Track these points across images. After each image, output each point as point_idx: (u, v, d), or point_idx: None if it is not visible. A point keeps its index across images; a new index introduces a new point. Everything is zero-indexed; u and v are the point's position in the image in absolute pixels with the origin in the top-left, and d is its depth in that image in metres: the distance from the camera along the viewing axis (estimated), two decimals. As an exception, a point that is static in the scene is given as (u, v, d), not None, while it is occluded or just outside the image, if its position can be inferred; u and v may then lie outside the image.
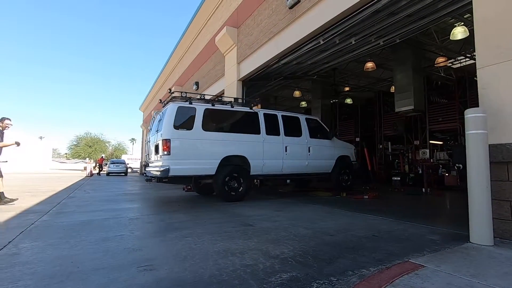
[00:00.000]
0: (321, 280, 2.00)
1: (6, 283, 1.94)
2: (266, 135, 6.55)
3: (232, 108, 6.42)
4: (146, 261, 2.40)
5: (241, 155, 6.16)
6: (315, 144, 7.34)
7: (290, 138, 6.93)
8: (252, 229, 3.58)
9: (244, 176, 6.15)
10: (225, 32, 9.32)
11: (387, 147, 13.70)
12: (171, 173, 5.34)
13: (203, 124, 5.85)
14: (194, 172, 5.71)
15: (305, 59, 8.03)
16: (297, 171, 7.03)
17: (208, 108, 6.05)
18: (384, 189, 9.40)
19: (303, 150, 7.09)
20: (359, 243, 2.97)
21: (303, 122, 7.32)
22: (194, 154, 5.66)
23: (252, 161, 6.26)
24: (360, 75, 12.02)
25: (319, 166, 7.37)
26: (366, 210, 5.10)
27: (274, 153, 6.60)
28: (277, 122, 6.85)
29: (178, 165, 5.46)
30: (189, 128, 5.72)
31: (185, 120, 5.76)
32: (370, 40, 6.93)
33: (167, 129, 5.50)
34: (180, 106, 5.77)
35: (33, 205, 5.62)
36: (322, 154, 7.45)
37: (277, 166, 6.68)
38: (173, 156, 5.39)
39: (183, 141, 5.58)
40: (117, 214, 4.81)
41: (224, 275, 2.10)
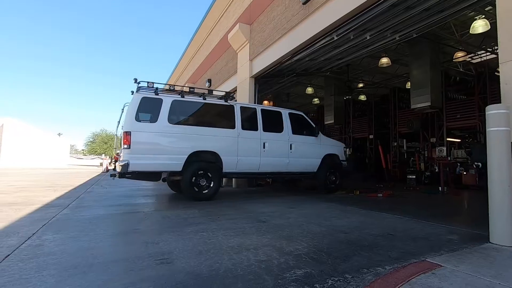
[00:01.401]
0: (336, 277, 2.00)
1: (32, 272, 2.04)
2: (242, 130, 6.11)
3: (204, 100, 5.97)
4: (162, 254, 2.46)
5: (212, 150, 5.75)
6: (298, 141, 6.85)
7: (270, 134, 6.47)
8: (265, 226, 3.60)
9: (215, 174, 5.75)
10: (238, 29, 9.33)
11: (402, 144, 13.41)
12: (130, 168, 5.01)
13: (170, 116, 5.47)
14: (157, 168, 5.33)
15: (319, 55, 7.94)
16: (276, 169, 6.58)
17: (177, 99, 5.64)
18: (399, 188, 9.23)
19: (284, 147, 6.61)
20: (374, 242, 2.94)
21: (285, 117, 6.84)
22: (158, 149, 5.29)
23: (225, 158, 5.85)
24: (375, 71, 11.78)
25: (302, 164, 6.89)
26: (381, 209, 5.03)
27: (250, 149, 6.16)
28: (255, 117, 6.39)
29: (139, 160, 5.10)
30: (153, 121, 5.34)
31: (150, 112, 5.40)
32: (386, 35, 6.77)
33: (128, 121, 5.15)
34: (145, 97, 5.39)
35: (54, 199, 5.84)
36: (306, 152, 6.96)
37: (254, 163, 6.22)
38: (134, 150, 5.05)
39: (145, 134, 5.21)
40: (133, 208, 4.93)
41: (239, 269, 2.13)
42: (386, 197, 6.71)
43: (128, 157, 5.04)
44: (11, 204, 5.14)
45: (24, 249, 2.56)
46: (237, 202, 5.72)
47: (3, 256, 2.36)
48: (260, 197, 6.49)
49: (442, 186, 8.07)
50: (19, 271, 2.05)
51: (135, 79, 5.43)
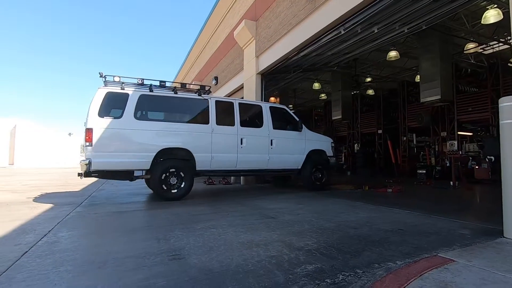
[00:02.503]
0: (347, 272, 2.00)
1: (50, 268, 2.10)
2: (216, 125, 5.78)
3: (175, 94, 5.66)
4: (174, 250, 2.50)
5: (183, 147, 5.45)
6: (279, 136, 6.51)
7: (248, 129, 6.15)
8: (274, 222, 3.62)
9: (186, 172, 5.44)
10: (244, 25, 9.30)
11: (412, 139, 13.23)
12: (93, 166, 4.77)
13: (137, 112, 5.19)
14: (122, 167, 5.07)
15: (325, 50, 7.87)
16: (256, 166, 6.24)
17: (145, 94, 5.35)
18: (409, 183, 9.12)
19: (263, 143, 6.28)
20: (384, 237, 2.93)
21: (265, 111, 6.49)
22: (123, 146, 5.01)
23: (197, 155, 5.54)
24: (383, 65, 11.61)
25: (284, 161, 6.57)
26: (391, 204, 4.99)
27: (226, 146, 5.86)
28: (232, 111, 6.07)
29: (102, 158, 4.84)
30: (118, 117, 5.04)
31: (115, 107, 5.12)
32: (394, 28, 6.66)
33: (90, 118, 4.86)
34: (110, 91, 5.11)
35: (68, 198, 5.98)
36: (289, 147, 6.63)
37: (230, 160, 5.92)
38: (96, 147, 4.79)
39: (109, 131, 4.92)
40: (144, 206, 5.02)
41: (250, 265, 2.15)
42: (395, 192, 6.64)
43: (90, 155, 4.79)
44: (27, 202, 5.29)
45: (41, 246, 2.63)
46: (245, 198, 5.75)
47: (22, 252, 2.44)
48: (268, 194, 6.50)
49: (453, 181, 7.94)
50: (38, 267, 2.12)
51: (100, 73, 5.18)
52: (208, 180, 8.99)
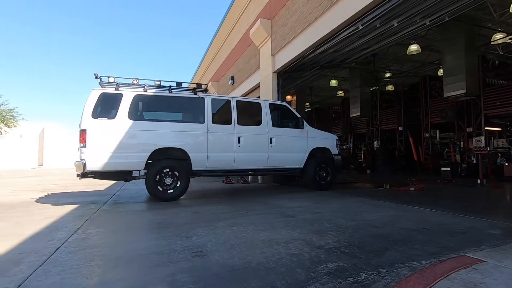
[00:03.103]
0: (370, 271, 1.98)
1: (82, 263, 2.22)
2: (212, 124, 5.64)
3: (170, 93, 5.58)
4: (196, 247, 2.56)
5: (178, 147, 5.36)
6: (279, 134, 6.26)
7: (246, 128, 5.96)
8: (293, 220, 3.62)
9: (181, 172, 5.35)
10: (259, 24, 9.31)
11: (435, 135, 12.74)
12: (87, 167, 4.80)
13: (131, 112, 5.15)
14: (116, 167, 5.05)
15: (343, 46, 7.73)
16: (255, 166, 6.07)
17: (139, 94, 5.32)
18: (433, 181, 8.80)
19: (262, 141, 6.07)
20: (408, 236, 2.86)
21: (265, 109, 6.26)
22: (117, 147, 4.97)
23: (193, 155, 5.43)
24: (403, 60, 11.23)
25: (284, 160, 6.34)
26: (414, 202, 4.85)
27: (222, 145, 5.72)
28: (229, 109, 5.90)
29: (96, 159, 4.85)
30: (112, 117, 5.03)
31: (109, 108, 5.11)
32: (415, 21, 6.43)
33: (84, 119, 4.87)
34: (104, 92, 5.11)
35: (93, 196, 6.24)
36: (289, 146, 6.38)
37: (227, 160, 5.76)
38: (90, 148, 4.80)
39: (103, 132, 4.91)
40: (165, 204, 5.14)
41: (271, 262, 2.17)
42: (418, 191, 6.44)
43: (84, 156, 4.81)
44: (56, 201, 5.58)
45: (72, 242, 2.78)
46: (263, 197, 5.76)
47: (55, 247, 2.59)
48: (286, 193, 6.49)
49: (481, 179, 7.58)
50: (70, 261, 2.24)
51: (95, 74, 5.17)
52: (226, 179, 9.09)
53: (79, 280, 1.91)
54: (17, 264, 2.21)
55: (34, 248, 2.61)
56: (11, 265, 2.19)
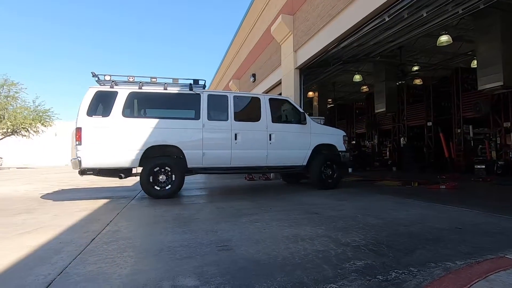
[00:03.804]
0: (400, 270, 1.92)
1: (115, 253, 2.34)
2: (208, 120, 5.52)
3: (165, 90, 5.51)
4: (222, 241, 2.61)
5: (172, 144, 5.31)
6: (279, 130, 6.01)
7: (243, 124, 5.80)
8: (318, 217, 3.58)
9: (176, 169, 5.29)
10: (281, 20, 9.23)
11: (468, 131, 12.02)
12: (83, 165, 4.89)
13: (125, 109, 5.18)
14: (111, 165, 5.10)
15: (367, 40, 7.49)
16: (253, 163, 5.83)
17: (134, 91, 5.32)
18: (465, 179, 8.34)
19: (261, 138, 5.85)
20: (439, 235, 2.73)
21: (264, 104, 6.01)
22: (111, 144, 5.02)
23: (188, 152, 5.34)
24: (432, 51, 10.69)
25: (285, 157, 6.04)
26: (445, 201, 4.63)
27: (218, 142, 5.58)
28: (226, 105, 5.75)
29: (91, 156, 4.93)
30: (106, 115, 5.08)
31: (104, 106, 5.16)
32: (446, 10, 6.09)
33: (79, 117, 4.96)
34: (99, 90, 5.18)
35: (122, 192, 6.54)
36: (290, 142, 6.08)
37: (224, 157, 5.60)
38: (85, 146, 4.89)
39: (98, 130, 4.97)
40: (191, 200, 5.29)
41: (297, 258, 2.16)
42: (450, 189, 6.13)
43: (79, 154, 4.90)
44: (89, 195, 5.90)
45: (105, 234, 2.93)
46: (286, 194, 5.75)
47: (91, 239, 2.74)
48: (308, 189, 6.42)
49: (520, 177, 7.07)
50: (105, 252, 2.37)
51: (93, 72, 5.22)
52: (248, 176, 9.16)
53: (113, 269, 2.01)
54: (58, 252, 2.37)
55: (72, 238, 2.79)
56: (52, 254, 2.35)
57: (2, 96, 23.53)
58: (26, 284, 1.81)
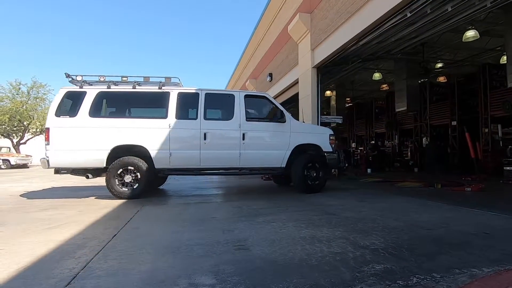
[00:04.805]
0: (422, 275, 1.84)
1: (134, 250, 2.40)
2: (176, 119, 5.34)
3: (134, 89, 5.42)
4: (238, 241, 2.62)
5: (138, 144, 5.20)
6: (254, 129, 5.61)
7: (214, 122, 5.52)
8: (335, 218, 3.52)
9: (141, 170, 5.14)
10: (298, 19, 9.15)
11: (496, 130, 11.40)
12: (50, 164, 4.97)
13: (92, 109, 5.16)
14: (78, 164, 5.11)
15: (388, 37, 7.27)
16: (225, 164, 5.54)
17: (103, 91, 5.31)
18: (493, 181, 7.92)
19: (233, 137, 5.51)
20: (465, 240, 2.61)
21: (239, 101, 5.64)
22: (77, 144, 5.03)
23: (154, 152, 5.20)
24: (457, 47, 10.20)
25: (261, 158, 5.62)
26: (471, 204, 4.41)
27: (186, 141, 5.37)
28: (196, 103, 5.49)
29: (58, 156, 4.98)
30: (73, 115, 5.10)
31: (72, 106, 5.18)
32: (473, 3, 5.80)
33: (48, 117, 5.08)
34: (69, 91, 5.24)
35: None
36: (266, 142, 5.71)
37: (192, 158, 5.36)
38: (52, 146, 4.96)
39: (64, 130, 5.02)
40: (207, 199, 5.36)
41: (313, 260, 2.14)
42: (476, 191, 5.84)
43: (48, 154, 4.98)
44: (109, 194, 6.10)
45: (125, 231, 3.03)
46: (302, 194, 5.67)
47: (112, 235, 2.84)
48: (326, 190, 6.32)
49: (554, 179, 6.63)
50: (125, 248, 2.44)
51: (66, 73, 5.28)
52: (265, 176, 9.14)
53: (133, 265, 2.07)
54: (82, 247, 2.47)
55: (95, 234, 2.90)
56: (76, 248, 2.45)
57: (32, 98, 24.85)
58: (53, 276, 1.90)
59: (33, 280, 1.85)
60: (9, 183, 8.72)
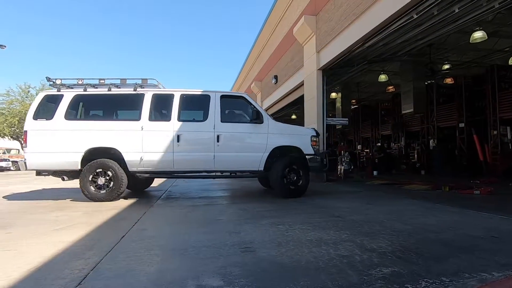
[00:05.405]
0: (430, 279, 1.83)
1: (142, 251, 2.43)
2: (149, 121, 5.27)
3: (109, 91, 5.41)
4: (245, 243, 2.63)
5: (111, 147, 5.17)
6: (229, 130, 5.42)
7: (187, 124, 5.40)
8: (342, 221, 3.50)
9: (114, 172, 5.10)
10: (303, 21, 9.17)
11: (505, 133, 11.23)
12: (28, 166, 5.12)
13: (68, 112, 5.23)
14: (53, 166, 5.16)
15: (394, 38, 7.23)
16: (199, 167, 5.42)
17: (78, 94, 5.34)
18: (502, 184, 7.79)
19: (207, 139, 5.33)
20: (473, 244, 2.58)
21: (214, 102, 5.46)
22: (53, 146, 5.09)
23: (127, 155, 5.16)
24: (465, 49, 10.09)
25: (236, 160, 5.42)
26: (479, 207, 4.35)
27: (159, 144, 5.24)
28: (170, 105, 5.40)
29: (35, 158, 5.08)
30: (49, 118, 5.17)
31: (50, 109, 5.25)
32: (480, 4, 5.74)
33: (26, 120, 5.22)
34: (48, 94, 5.38)
35: (148, 192, 6.77)
36: (242, 144, 5.49)
37: (165, 160, 5.24)
38: (30, 148, 5.07)
39: (41, 132, 5.11)
40: (214, 201, 5.38)
41: (320, 262, 2.13)
42: (485, 195, 5.75)
43: (25, 156, 5.15)
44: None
45: (133, 232, 3.06)
46: (308, 197, 5.66)
47: (120, 236, 2.87)
48: (332, 192, 6.31)
49: None
50: (133, 250, 2.47)
51: (47, 77, 5.36)
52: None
53: (141, 267, 2.09)
54: (91, 248, 2.51)
55: (103, 235, 2.94)
56: (85, 249, 2.49)
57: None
58: (64, 276, 1.93)
59: (44, 280, 1.89)
60: (15, 185, 8.87)
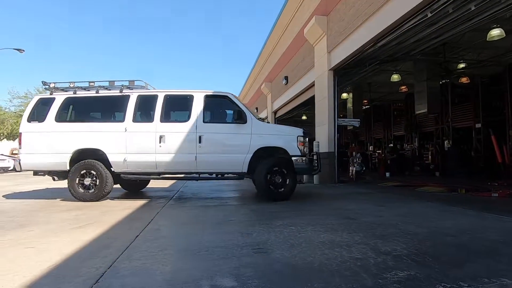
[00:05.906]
0: (448, 284, 1.79)
1: (156, 251, 2.47)
2: (133, 122, 5.35)
3: (97, 93, 5.58)
4: (257, 244, 2.64)
5: (97, 148, 5.31)
6: (210, 131, 5.35)
7: (170, 125, 5.39)
8: (355, 223, 3.46)
9: (99, 173, 5.23)
10: (314, 22, 9.12)
11: (525, 133, 10.85)
12: (22, 166, 5.38)
13: (59, 114, 5.46)
14: (44, 167, 5.41)
15: (407, 37, 7.10)
16: (181, 168, 5.41)
17: (69, 97, 5.57)
18: (522, 186, 7.52)
19: (188, 140, 5.29)
20: (492, 248, 2.51)
21: (196, 102, 5.43)
22: (44, 148, 5.33)
23: (111, 156, 5.28)
24: (481, 47, 9.80)
25: (218, 162, 5.33)
26: (498, 210, 4.22)
27: (141, 145, 5.29)
28: (154, 106, 5.43)
29: (28, 159, 5.36)
30: (42, 120, 5.43)
31: (43, 112, 5.49)
32: (498, 2, 5.58)
33: (21, 123, 5.54)
34: (41, 98, 5.64)
35: (160, 192, 6.87)
36: (224, 145, 5.40)
37: (147, 162, 5.29)
38: (24, 149, 5.32)
39: (33, 134, 5.39)
40: (224, 201, 5.41)
41: (334, 265, 2.12)
42: (504, 197, 5.57)
43: (20, 157, 5.45)
44: (129, 195, 6.28)
45: (147, 232, 3.11)
46: (320, 198, 5.64)
47: (134, 236, 2.93)
48: (343, 194, 6.25)
49: None
50: (147, 249, 2.51)
51: (43, 82, 5.65)
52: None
53: (156, 266, 2.13)
54: (107, 247, 2.57)
55: (118, 235, 3.00)
56: (102, 248, 2.55)
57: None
58: (81, 274, 1.98)
59: (64, 277, 1.94)
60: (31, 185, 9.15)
